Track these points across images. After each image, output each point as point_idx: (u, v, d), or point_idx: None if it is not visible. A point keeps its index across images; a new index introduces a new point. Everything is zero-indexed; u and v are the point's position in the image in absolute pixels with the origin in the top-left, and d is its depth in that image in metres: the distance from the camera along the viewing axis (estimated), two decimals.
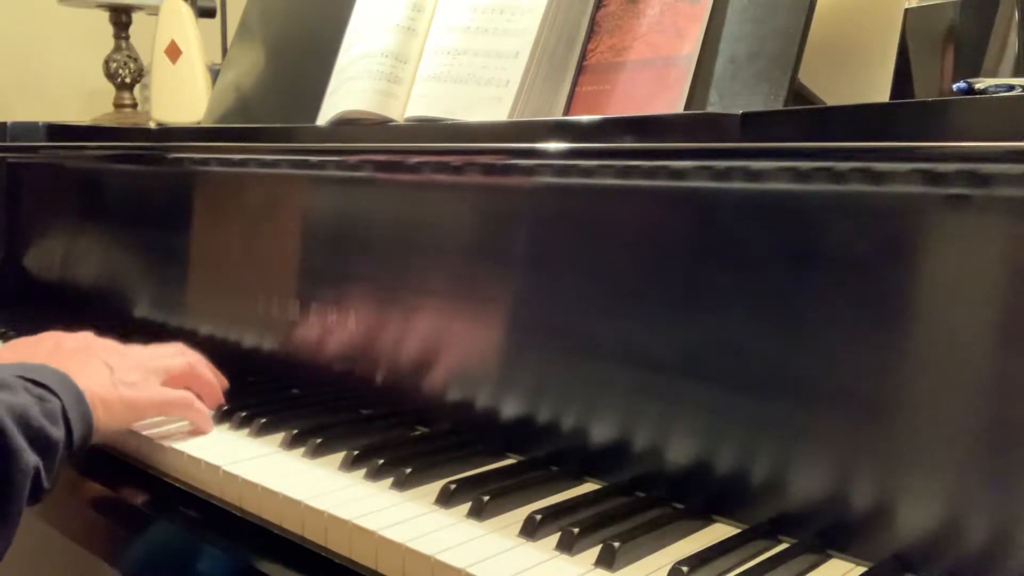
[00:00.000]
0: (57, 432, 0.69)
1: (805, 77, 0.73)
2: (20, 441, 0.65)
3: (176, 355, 0.87)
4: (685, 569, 0.57)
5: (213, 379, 0.88)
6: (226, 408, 0.87)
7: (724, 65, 0.73)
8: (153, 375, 0.82)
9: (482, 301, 0.80)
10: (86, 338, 0.86)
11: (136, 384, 0.80)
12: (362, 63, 0.92)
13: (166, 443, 0.81)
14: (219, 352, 0.92)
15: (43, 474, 0.67)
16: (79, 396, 0.73)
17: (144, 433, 0.83)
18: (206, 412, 0.84)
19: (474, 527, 0.65)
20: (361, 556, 0.64)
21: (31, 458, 0.66)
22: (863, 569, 0.59)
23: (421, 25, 0.91)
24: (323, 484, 0.71)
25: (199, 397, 0.85)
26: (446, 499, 0.68)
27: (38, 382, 0.71)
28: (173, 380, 0.85)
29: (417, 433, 0.85)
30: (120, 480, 0.84)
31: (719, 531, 0.65)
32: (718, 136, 0.65)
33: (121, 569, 0.84)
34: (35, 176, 1.37)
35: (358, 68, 0.93)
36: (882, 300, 0.58)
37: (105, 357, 0.81)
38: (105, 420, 0.76)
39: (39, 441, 0.67)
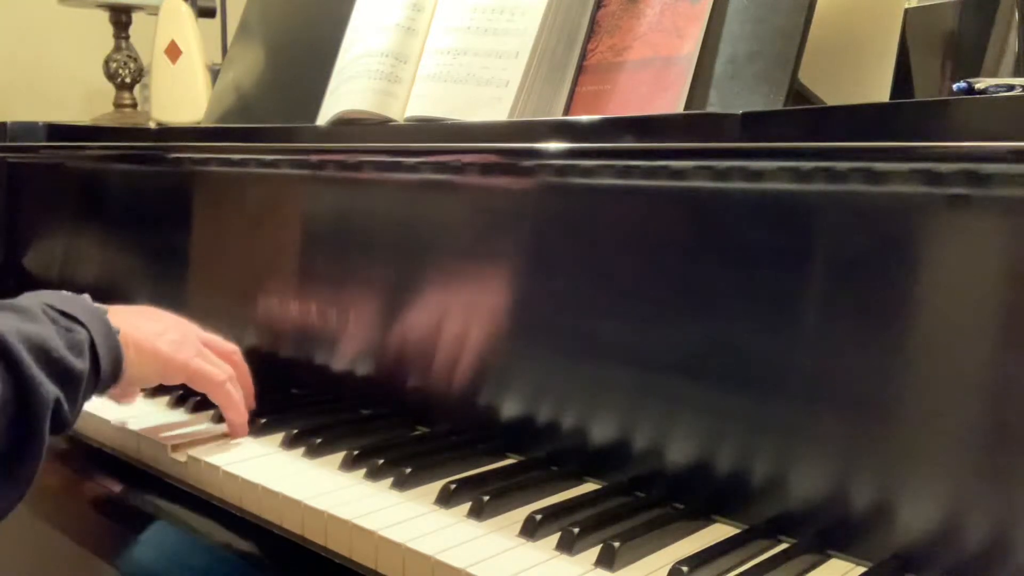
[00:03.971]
0: (81, 363, 0.68)
1: (805, 77, 0.73)
2: (37, 371, 0.63)
3: (223, 354, 0.85)
4: (685, 569, 0.57)
5: (240, 401, 0.83)
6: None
7: (724, 65, 0.73)
8: (194, 346, 0.81)
9: (482, 301, 0.80)
10: (157, 309, 0.86)
11: (175, 343, 0.79)
12: (362, 63, 0.92)
13: (166, 443, 0.80)
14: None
15: (65, 406, 0.66)
16: (109, 331, 0.72)
17: (144, 434, 0.83)
18: (235, 398, 0.81)
19: (474, 527, 0.65)
20: (361, 556, 0.64)
21: (50, 388, 0.64)
22: (863, 569, 0.59)
23: (421, 25, 0.91)
24: (323, 484, 0.71)
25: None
26: (446, 499, 0.68)
27: (66, 313, 0.70)
28: (201, 383, 0.82)
29: (417, 433, 0.85)
30: (120, 480, 0.84)
31: (719, 531, 0.65)
32: (718, 136, 0.65)
33: (121, 569, 0.84)
34: (35, 176, 1.36)
35: (358, 68, 0.93)
36: (882, 300, 0.58)
37: (156, 315, 0.82)
38: (136, 364, 0.75)
39: (60, 371, 0.66)
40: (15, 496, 0.63)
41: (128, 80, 1.78)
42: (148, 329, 0.78)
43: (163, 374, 0.79)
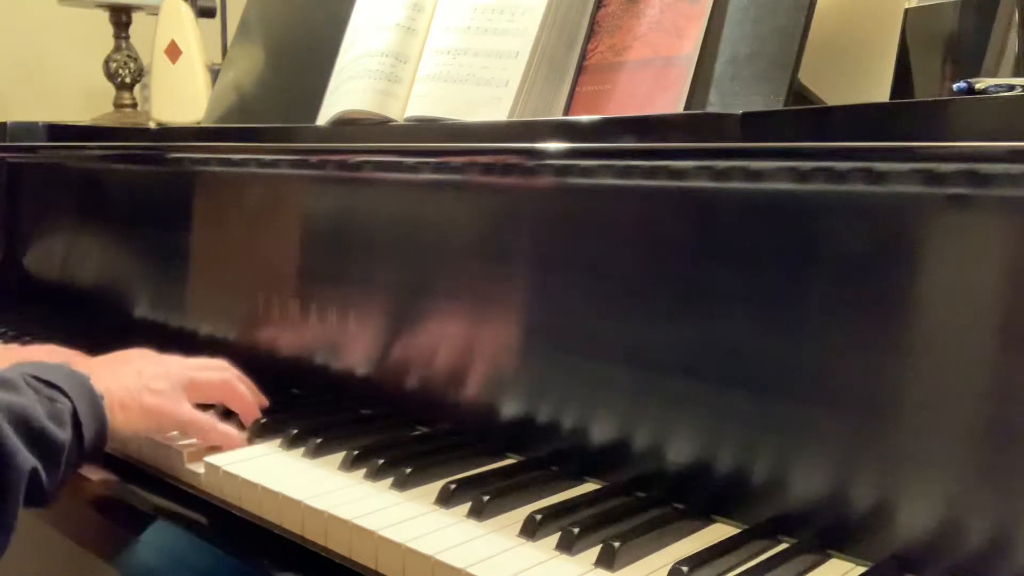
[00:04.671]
0: (63, 434, 0.68)
1: (805, 77, 0.73)
2: (14, 441, 0.64)
3: (214, 369, 0.85)
4: (685, 569, 0.57)
5: (248, 394, 0.86)
6: (226, 408, 0.87)
7: (724, 65, 0.73)
8: (182, 389, 0.80)
9: (482, 301, 0.80)
10: (140, 350, 0.85)
11: (162, 393, 0.79)
12: (362, 63, 0.92)
13: (166, 443, 0.80)
14: (218, 352, 0.92)
15: (43, 476, 0.66)
16: (93, 398, 0.72)
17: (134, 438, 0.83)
18: (232, 434, 0.81)
19: (474, 527, 0.65)
20: (361, 556, 0.64)
21: (27, 459, 0.64)
22: (863, 569, 0.59)
23: (421, 25, 0.91)
24: (323, 484, 0.71)
25: (233, 412, 0.84)
26: (446, 499, 0.68)
27: (49, 382, 0.70)
28: (206, 393, 0.83)
29: (417, 433, 0.85)
30: (120, 480, 0.84)
31: (719, 531, 0.65)
32: (718, 136, 0.65)
33: (121, 569, 0.84)
34: (35, 176, 1.36)
35: (358, 68, 0.93)
36: (882, 300, 0.58)
37: (139, 364, 0.81)
38: (123, 424, 0.75)
39: (40, 442, 0.66)
40: None
41: (128, 80, 1.78)
42: (131, 384, 0.78)
43: (153, 427, 0.79)
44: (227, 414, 0.85)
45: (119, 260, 1.22)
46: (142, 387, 0.78)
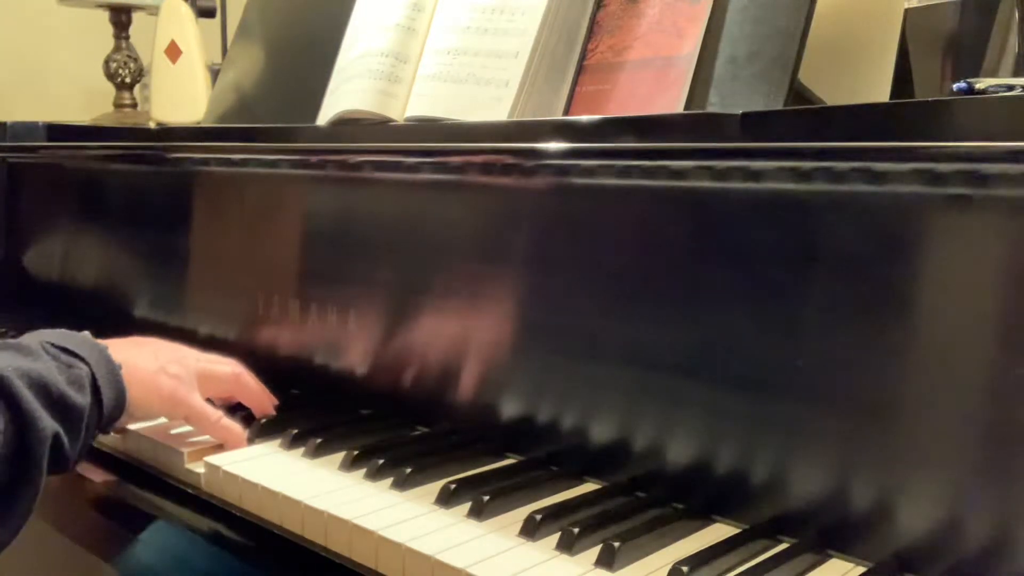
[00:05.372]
0: (82, 398, 0.68)
1: (805, 77, 0.73)
2: (35, 406, 0.64)
3: (227, 364, 0.86)
4: (685, 569, 0.57)
5: (259, 389, 0.87)
6: (225, 408, 0.87)
7: (724, 65, 0.73)
8: (195, 378, 0.81)
9: (482, 301, 0.80)
10: (150, 337, 0.86)
11: (177, 378, 0.79)
12: (362, 63, 0.92)
13: (166, 443, 0.80)
14: (218, 352, 0.92)
15: (65, 441, 0.66)
16: (112, 367, 0.72)
17: (144, 433, 0.83)
18: (235, 430, 0.81)
19: (474, 527, 0.65)
20: (361, 556, 0.64)
21: (49, 423, 0.64)
22: (863, 569, 0.59)
23: (421, 25, 0.91)
24: (323, 484, 0.71)
25: (238, 411, 0.85)
26: (446, 499, 0.68)
27: (66, 349, 0.70)
28: (218, 385, 0.84)
29: (417, 433, 0.85)
30: (120, 480, 0.84)
31: (719, 531, 0.65)
32: (718, 136, 0.65)
33: (121, 569, 0.84)
34: (35, 176, 1.36)
35: (358, 68, 0.93)
36: (882, 300, 0.58)
37: (155, 348, 0.81)
38: (139, 400, 0.75)
39: (61, 407, 0.66)
40: (11, 530, 0.63)
41: (128, 80, 1.78)
42: (148, 364, 0.78)
43: (165, 410, 0.79)
44: (231, 411, 0.85)
45: (119, 260, 1.22)
46: (158, 369, 0.78)
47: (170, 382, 0.78)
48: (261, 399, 0.86)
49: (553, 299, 0.75)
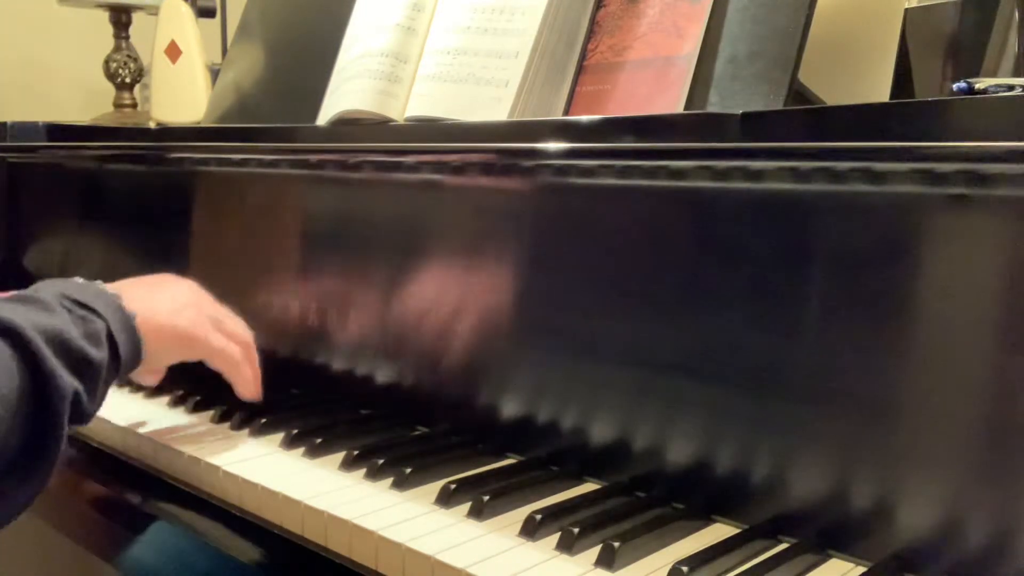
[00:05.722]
0: (99, 353, 0.67)
1: (805, 77, 0.73)
2: (55, 363, 0.63)
3: (236, 335, 0.85)
4: (685, 569, 0.57)
5: (254, 379, 0.86)
6: (225, 408, 0.87)
7: (724, 65, 0.73)
8: (212, 322, 0.81)
9: (482, 301, 0.80)
10: (168, 275, 0.85)
11: (195, 319, 0.79)
12: (362, 63, 0.92)
13: (166, 443, 0.80)
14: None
15: (84, 397, 0.65)
16: (126, 318, 0.72)
17: (144, 433, 0.83)
18: (250, 376, 0.81)
19: (474, 527, 0.65)
20: (361, 556, 0.64)
21: (69, 381, 0.64)
22: (863, 569, 0.59)
23: (421, 25, 0.91)
24: (323, 484, 0.71)
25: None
26: (446, 499, 0.68)
27: (82, 302, 0.69)
28: (220, 357, 0.83)
29: (417, 433, 0.85)
30: (120, 480, 0.84)
31: (719, 531, 0.65)
32: (718, 136, 0.65)
33: (121, 569, 0.84)
34: (35, 176, 1.36)
35: (358, 68, 0.93)
36: (882, 300, 0.58)
37: (172, 290, 0.81)
38: (155, 347, 0.75)
39: (78, 362, 0.65)
40: (35, 488, 0.63)
41: (128, 80, 1.78)
42: (164, 308, 0.78)
43: (183, 352, 0.79)
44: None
45: (119, 260, 1.22)
46: (173, 311, 0.78)
47: (187, 324, 0.78)
48: (249, 389, 0.85)
49: (553, 299, 0.75)
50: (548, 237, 0.76)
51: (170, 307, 0.78)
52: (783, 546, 0.62)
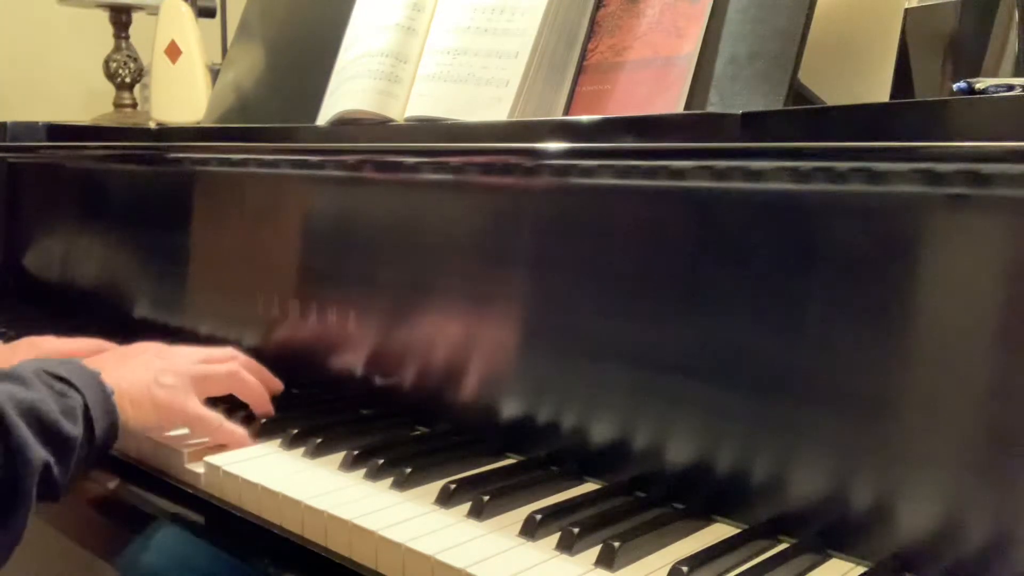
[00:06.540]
0: (74, 429, 0.68)
1: (805, 77, 0.73)
2: (27, 435, 0.64)
3: (222, 360, 0.85)
4: (685, 569, 0.57)
5: (258, 385, 0.86)
6: (225, 409, 0.87)
7: (724, 65, 0.73)
8: (191, 384, 0.80)
9: (482, 301, 0.80)
10: (148, 343, 0.86)
11: (171, 388, 0.79)
12: (362, 63, 0.92)
13: (166, 443, 0.80)
14: None
15: (56, 471, 0.66)
16: (104, 394, 0.73)
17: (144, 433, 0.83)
18: (237, 432, 0.80)
19: (474, 527, 0.65)
20: (361, 556, 0.64)
21: (40, 453, 0.64)
22: (863, 569, 0.59)
23: (421, 25, 0.91)
24: (323, 484, 0.71)
25: (242, 405, 0.85)
26: (446, 499, 0.68)
27: (60, 377, 0.70)
28: (215, 386, 0.83)
29: (417, 433, 0.85)
30: (120, 480, 0.84)
31: (719, 531, 0.65)
32: (718, 136, 0.65)
33: (121, 569, 0.84)
34: (35, 176, 1.37)
35: (358, 68, 0.93)
36: (882, 300, 0.58)
37: (147, 358, 0.81)
38: (134, 420, 0.75)
39: (52, 437, 0.66)
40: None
41: (128, 80, 1.78)
42: (141, 379, 0.78)
43: (163, 422, 0.79)
44: (234, 408, 0.85)
45: (119, 260, 1.22)
46: (151, 381, 0.78)
47: (165, 393, 0.78)
48: (260, 396, 0.86)
49: (553, 299, 0.75)
50: (548, 237, 0.76)
51: (146, 377, 0.78)
52: (783, 546, 0.62)
